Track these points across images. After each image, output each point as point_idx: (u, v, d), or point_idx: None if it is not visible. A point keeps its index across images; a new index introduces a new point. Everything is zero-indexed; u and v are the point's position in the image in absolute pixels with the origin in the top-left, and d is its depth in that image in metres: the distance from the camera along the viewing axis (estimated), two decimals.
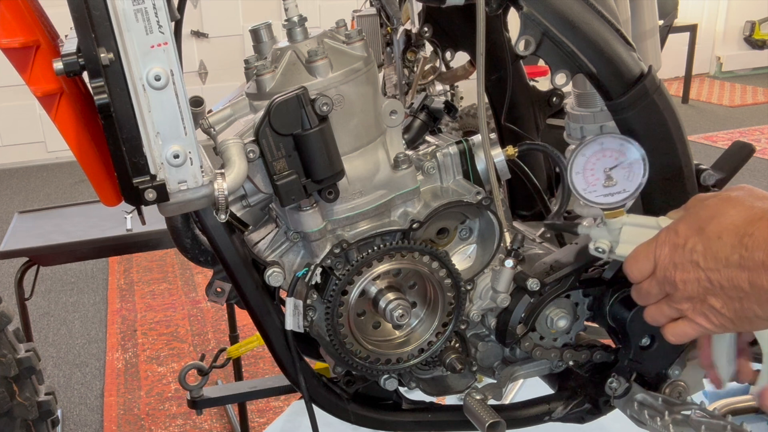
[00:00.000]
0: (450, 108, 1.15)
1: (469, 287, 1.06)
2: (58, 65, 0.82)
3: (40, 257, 2.05)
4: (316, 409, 1.11)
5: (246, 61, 1.01)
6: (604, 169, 0.92)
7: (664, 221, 0.89)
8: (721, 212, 0.80)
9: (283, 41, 1.01)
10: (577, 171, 0.93)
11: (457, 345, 1.12)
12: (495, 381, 1.16)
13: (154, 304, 3.31)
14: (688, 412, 1.05)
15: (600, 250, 0.94)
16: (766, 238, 0.74)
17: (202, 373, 1.42)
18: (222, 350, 1.57)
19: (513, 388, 1.85)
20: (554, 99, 1.41)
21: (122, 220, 2.17)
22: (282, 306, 1.05)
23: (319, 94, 0.92)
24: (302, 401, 1.35)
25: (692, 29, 6.42)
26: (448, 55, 1.43)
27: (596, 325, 1.17)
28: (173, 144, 0.86)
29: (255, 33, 1.05)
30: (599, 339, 1.18)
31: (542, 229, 1.24)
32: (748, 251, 0.75)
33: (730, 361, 0.93)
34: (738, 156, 1.14)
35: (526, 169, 1.33)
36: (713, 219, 0.80)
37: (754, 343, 0.91)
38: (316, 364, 1.26)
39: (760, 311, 0.76)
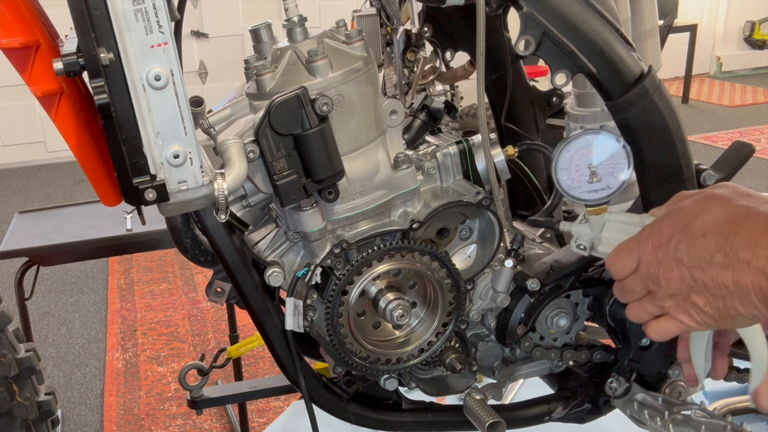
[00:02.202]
0: (450, 108, 1.15)
1: (469, 287, 1.06)
2: (58, 65, 0.82)
3: (40, 257, 2.05)
4: (316, 409, 1.11)
5: (246, 61, 1.01)
6: (588, 165, 0.92)
7: (647, 218, 0.89)
8: (706, 210, 0.79)
9: (283, 41, 1.02)
10: (562, 167, 0.92)
11: (457, 345, 1.12)
12: (495, 381, 1.16)
13: (154, 304, 3.31)
14: (688, 412, 1.05)
15: (581, 247, 0.94)
16: (751, 236, 0.74)
17: (202, 373, 1.42)
18: (222, 350, 1.57)
19: (513, 388, 1.85)
20: (554, 99, 1.41)
21: (122, 220, 2.17)
22: (282, 306, 1.05)
23: (319, 94, 0.93)
24: (302, 401, 1.35)
25: (692, 29, 6.42)
26: (448, 55, 1.43)
27: (596, 325, 1.17)
28: (173, 144, 0.86)
29: (255, 33, 1.05)
30: (599, 339, 1.18)
31: (542, 229, 1.24)
32: (733, 250, 0.75)
33: (707, 359, 0.93)
34: (738, 156, 1.14)
35: (526, 169, 1.33)
36: (698, 217, 0.79)
37: (740, 342, 0.91)
38: (316, 364, 1.26)
39: (743, 310, 0.76)
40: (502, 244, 1.06)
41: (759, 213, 0.76)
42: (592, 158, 0.92)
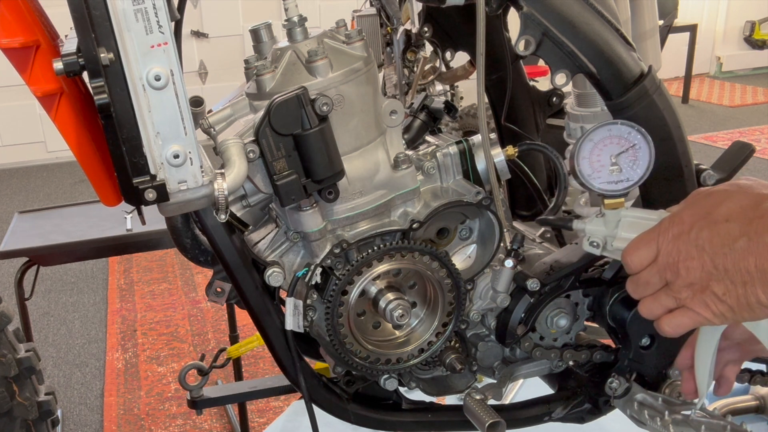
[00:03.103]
0: (450, 108, 1.15)
1: (469, 287, 1.06)
2: (58, 65, 0.82)
3: (40, 257, 2.05)
4: (316, 409, 1.11)
5: (246, 61, 1.01)
6: (610, 156, 0.91)
7: (664, 214, 0.88)
8: (729, 198, 0.79)
9: (283, 41, 1.02)
10: (584, 156, 0.91)
11: (457, 345, 1.12)
12: (495, 381, 1.16)
13: (154, 304, 3.31)
14: (688, 412, 1.05)
15: (594, 244, 0.92)
16: None
17: (202, 373, 1.42)
18: (222, 350, 1.57)
19: (513, 388, 1.85)
20: (554, 99, 1.41)
21: (122, 220, 2.17)
22: (282, 306, 1.05)
23: (319, 94, 0.93)
24: (302, 401, 1.35)
25: (692, 29, 6.42)
26: (448, 55, 1.43)
27: (596, 325, 1.17)
28: (173, 144, 0.86)
29: (255, 33, 1.05)
30: (599, 339, 1.18)
31: (542, 229, 1.24)
32: (757, 234, 0.73)
33: (711, 372, 0.91)
34: (738, 156, 1.13)
35: (526, 169, 1.33)
36: (721, 203, 0.78)
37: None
38: (316, 364, 1.26)
39: (764, 297, 0.74)
40: (502, 244, 1.06)
41: None
42: (615, 148, 0.91)
